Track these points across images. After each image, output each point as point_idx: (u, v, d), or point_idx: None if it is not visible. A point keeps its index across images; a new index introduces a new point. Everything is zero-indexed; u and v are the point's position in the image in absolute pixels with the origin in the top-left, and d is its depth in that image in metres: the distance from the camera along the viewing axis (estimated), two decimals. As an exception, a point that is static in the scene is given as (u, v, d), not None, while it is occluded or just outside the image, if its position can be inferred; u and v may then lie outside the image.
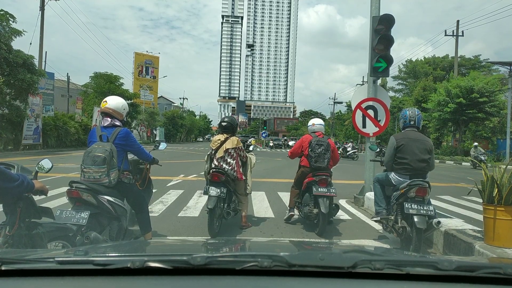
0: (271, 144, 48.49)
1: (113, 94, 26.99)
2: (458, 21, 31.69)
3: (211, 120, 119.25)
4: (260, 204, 6.95)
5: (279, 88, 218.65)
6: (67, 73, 36.76)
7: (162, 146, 4.78)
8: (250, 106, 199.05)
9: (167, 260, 1.12)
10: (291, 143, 53.97)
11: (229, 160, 5.07)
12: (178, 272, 1.10)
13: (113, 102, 3.80)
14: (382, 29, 6.94)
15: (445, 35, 31.74)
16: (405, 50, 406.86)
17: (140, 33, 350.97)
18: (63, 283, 1.09)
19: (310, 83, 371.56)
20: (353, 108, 7.48)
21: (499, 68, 41.66)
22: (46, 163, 3.03)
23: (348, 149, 27.75)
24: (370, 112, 7.14)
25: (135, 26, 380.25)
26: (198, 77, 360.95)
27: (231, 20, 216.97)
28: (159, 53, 74.45)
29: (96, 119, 30.68)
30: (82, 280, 1.10)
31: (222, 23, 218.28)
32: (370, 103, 7.15)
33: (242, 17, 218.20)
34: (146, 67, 68.18)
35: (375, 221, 4.77)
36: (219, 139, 5.12)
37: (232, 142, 5.08)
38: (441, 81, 38.28)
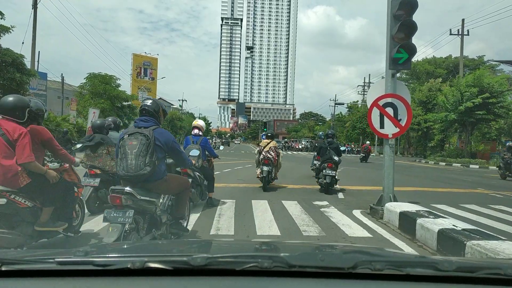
0: None
1: (109, 95, 26.00)
2: (463, 20, 30.88)
3: (210, 122, 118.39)
4: (262, 217, 6.00)
5: (278, 90, 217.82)
6: (61, 74, 35.70)
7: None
8: (250, 108, 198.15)
9: (167, 260, 1.13)
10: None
11: (271, 152, 9.53)
12: (178, 273, 1.11)
13: (200, 122, 7.12)
14: (402, 15, 6.03)
15: (450, 34, 30.88)
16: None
17: (139, 35, 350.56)
18: (63, 283, 1.09)
19: (310, 84, 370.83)
20: (368, 106, 6.57)
21: (503, 69, 40.94)
22: None
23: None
24: (389, 111, 6.21)
25: (135, 28, 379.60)
26: (197, 79, 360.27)
27: (231, 22, 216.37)
28: (157, 54, 73.42)
29: (91, 121, 29.76)
30: (82, 280, 1.10)
31: (221, 25, 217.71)
32: (389, 99, 6.23)
33: (241, 19, 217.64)
34: (145, 68, 67.36)
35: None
36: (267, 142, 9.83)
37: (273, 144, 9.82)
38: (445, 82, 37.50)
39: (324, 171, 9.06)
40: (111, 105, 33.81)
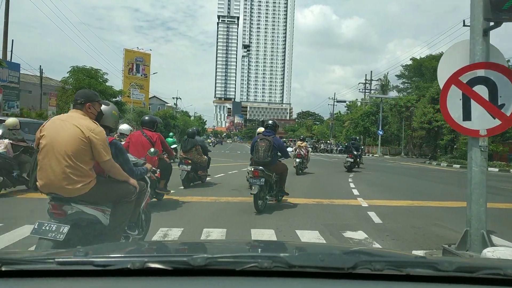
0: None
1: (94, 90, 23.52)
2: (477, 10, 28.48)
3: (206, 121, 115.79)
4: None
5: (275, 89, 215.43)
6: (40, 66, 32.91)
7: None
8: (246, 107, 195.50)
9: (167, 261, 1.13)
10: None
11: (302, 149, 14.16)
12: (178, 273, 1.10)
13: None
14: None
15: (464, 25, 28.43)
16: (401, 50, 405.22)
17: (135, 34, 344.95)
18: (63, 284, 1.09)
19: (306, 84, 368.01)
20: (440, 85, 4.13)
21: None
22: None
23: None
24: (480, 91, 3.75)
25: (131, 27, 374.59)
26: (194, 78, 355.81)
27: (227, 21, 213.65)
28: (150, 50, 70.89)
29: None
30: (82, 281, 1.10)
31: (218, 23, 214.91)
32: (481, 72, 3.76)
33: (238, 18, 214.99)
34: (137, 64, 64.57)
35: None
36: (301, 142, 15.21)
37: (304, 144, 14.91)
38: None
39: (346, 159, 15.74)
40: (96, 101, 31.19)
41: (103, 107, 3.19)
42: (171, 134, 24.34)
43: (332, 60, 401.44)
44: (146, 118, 6.62)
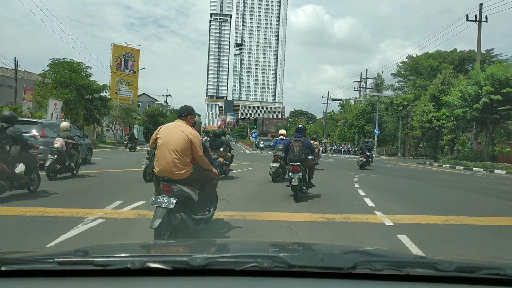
0: (261, 146, 43.16)
1: (76, 84, 21.57)
2: (481, 4, 27.13)
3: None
4: None
5: (267, 88, 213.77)
6: (15, 57, 30.77)
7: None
8: (239, 106, 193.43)
9: (167, 260, 1.13)
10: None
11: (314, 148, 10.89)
12: (178, 273, 1.10)
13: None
14: None
15: (467, 20, 27.14)
16: (393, 51, 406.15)
17: (126, 31, 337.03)
18: (63, 283, 1.09)
19: (298, 83, 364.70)
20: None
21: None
22: None
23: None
24: None
25: (122, 24, 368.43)
26: (186, 76, 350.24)
27: (220, 19, 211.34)
28: (139, 45, 68.78)
29: (52, 114, 25.22)
30: (82, 280, 1.10)
31: (210, 21, 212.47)
32: None
33: (230, 16, 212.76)
34: (125, 60, 62.44)
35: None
36: (313, 141, 14.31)
37: (315, 143, 15.49)
38: (458, 75, 33.94)
39: (360, 158, 18.37)
40: (77, 96, 29.22)
41: (196, 117, 4.46)
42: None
43: (324, 60, 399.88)
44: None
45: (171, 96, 79.07)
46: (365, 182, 11.28)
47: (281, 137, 11.45)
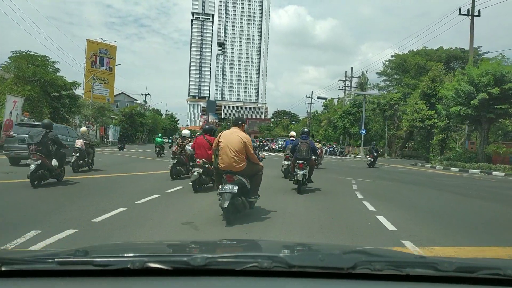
0: (254, 145, 41.10)
1: (40, 80, 18.72)
2: (474, -2, 25.93)
3: (178, 120, 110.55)
4: None
5: (250, 88, 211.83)
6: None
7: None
8: (221, 106, 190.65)
9: (167, 260, 1.13)
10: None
11: (318, 150, 13.41)
12: (178, 273, 1.09)
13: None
14: None
15: (459, 14, 25.86)
16: (373, 53, 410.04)
17: (107, 30, 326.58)
18: (63, 283, 1.08)
19: (280, 84, 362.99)
20: None
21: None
22: None
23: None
24: None
25: (102, 22, 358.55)
26: (167, 76, 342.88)
27: (202, 18, 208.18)
28: (116, 41, 65.60)
29: (11, 112, 22.62)
30: (82, 280, 1.09)
31: (192, 20, 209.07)
32: None
33: (213, 15, 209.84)
34: (101, 57, 59.45)
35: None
36: (317, 143, 16.96)
37: (319, 145, 18.36)
38: (449, 72, 32.73)
39: (368, 158, 21.55)
40: (42, 93, 26.60)
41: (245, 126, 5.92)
42: (159, 135, 27.29)
43: (306, 61, 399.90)
44: (207, 127, 9.21)
45: (149, 95, 76.01)
46: (370, 193, 9.40)
47: (292, 138, 12.95)
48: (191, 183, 8.26)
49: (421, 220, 6.07)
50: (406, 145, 43.28)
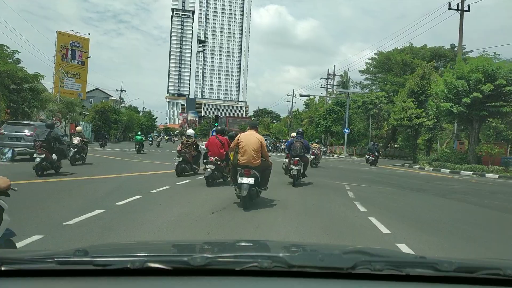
0: None
1: None
2: (463, -8, 24.85)
3: (156, 117, 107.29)
4: None
5: (231, 86, 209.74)
6: None
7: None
8: (201, 104, 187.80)
9: (167, 260, 1.12)
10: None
11: (316, 149, 19.76)
12: (178, 273, 1.09)
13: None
14: None
15: (449, 8, 24.71)
16: (352, 53, 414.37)
17: (84, 25, 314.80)
18: (63, 283, 1.08)
19: (261, 83, 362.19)
20: None
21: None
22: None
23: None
24: None
25: (79, 17, 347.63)
26: (147, 73, 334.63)
27: (182, 14, 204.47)
28: (88, 34, 62.44)
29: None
30: (82, 280, 1.09)
31: (172, 16, 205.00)
32: None
33: (193, 12, 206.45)
34: (72, 50, 56.03)
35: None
36: (316, 144, 21.36)
37: (317, 145, 20.89)
38: (438, 70, 31.76)
39: (368, 158, 23.68)
40: (-2, 86, 23.97)
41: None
42: (139, 133, 28.33)
43: (287, 61, 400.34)
44: (219, 127, 10.47)
45: (125, 91, 72.96)
46: (374, 205, 7.72)
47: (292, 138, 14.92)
48: (203, 178, 9.39)
49: (437, 243, 4.41)
50: (389, 145, 42.33)
